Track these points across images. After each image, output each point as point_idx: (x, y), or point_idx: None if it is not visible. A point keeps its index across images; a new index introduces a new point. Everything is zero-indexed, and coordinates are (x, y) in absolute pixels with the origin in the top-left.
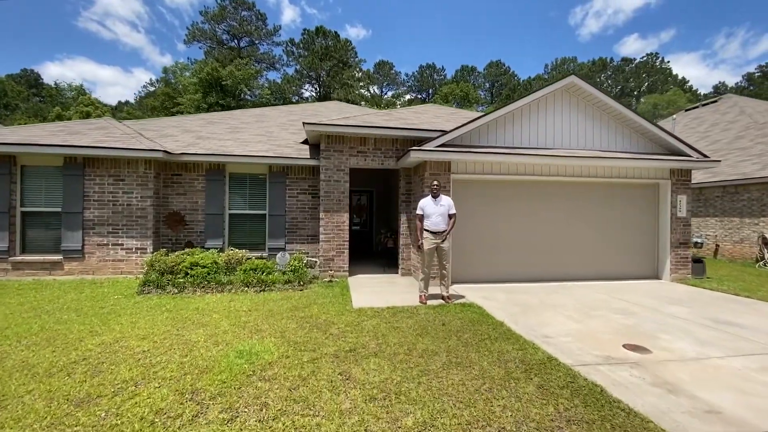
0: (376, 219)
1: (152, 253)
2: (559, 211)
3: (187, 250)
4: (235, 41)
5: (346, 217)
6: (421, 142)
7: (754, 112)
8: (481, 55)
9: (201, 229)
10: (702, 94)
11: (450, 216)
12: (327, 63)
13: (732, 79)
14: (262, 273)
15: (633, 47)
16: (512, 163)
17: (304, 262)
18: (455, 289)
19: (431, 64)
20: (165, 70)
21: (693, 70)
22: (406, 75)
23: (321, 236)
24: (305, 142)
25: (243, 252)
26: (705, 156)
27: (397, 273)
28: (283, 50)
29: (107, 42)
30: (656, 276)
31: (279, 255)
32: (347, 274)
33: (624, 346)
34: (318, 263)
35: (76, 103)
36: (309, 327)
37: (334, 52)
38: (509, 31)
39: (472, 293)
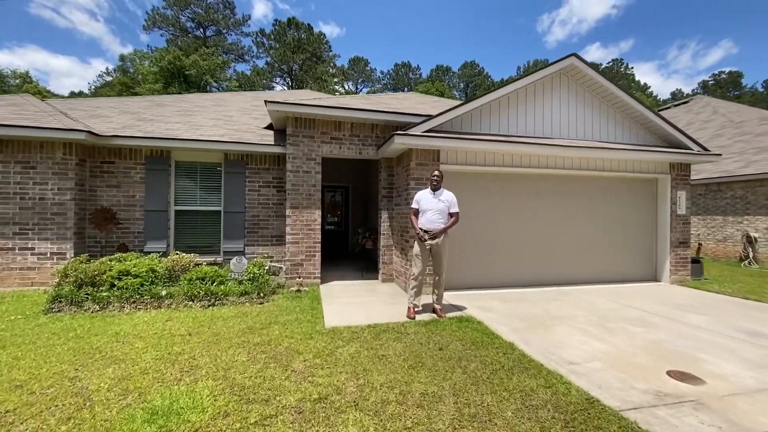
0: (353, 217)
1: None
2: (555, 209)
3: (118, 254)
4: (201, 30)
5: (317, 214)
6: (404, 128)
7: (727, 112)
8: (456, 55)
9: (139, 229)
10: (661, 100)
11: (451, 215)
12: (300, 56)
13: (685, 89)
14: (212, 283)
15: (595, 55)
16: (508, 152)
17: (266, 268)
18: (444, 297)
19: (407, 63)
20: (122, 57)
21: (649, 79)
22: (382, 72)
23: (287, 237)
24: (270, 127)
25: (191, 257)
26: (705, 149)
27: (377, 278)
28: (253, 41)
29: (62, 30)
30: (654, 278)
31: (234, 260)
32: (319, 281)
33: (668, 373)
34: (284, 269)
35: (21, 91)
36: (265, 359)
37: (307, 45)
38: (482, 33)
39: (465, 303)
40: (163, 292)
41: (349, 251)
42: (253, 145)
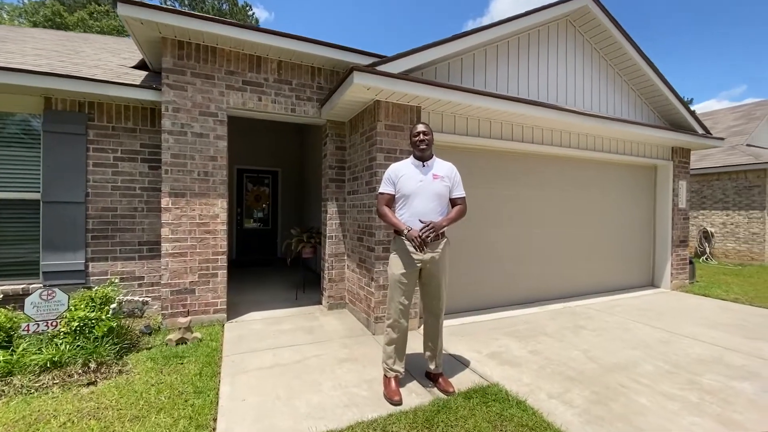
0: (283, 213)
1: None
2: (552, 201)
3: None
4: None
5: (220, 206)
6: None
7: None
8: (396, 47)
9: None
10: None
11: (454, 201)
12: None
13: None
14: None
15: None
16: (510, 118)
17: (114, 305)
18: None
19: None
20: None
21: None
22: None
23: (165, 245)
24: (142, 66)
25: None
26: (709, 132)
27: (321, 303)
28: (161, 3)
29: None
30: (651, 283)
31: (34, 297)
32: (224, 315)
33: None
34: (148, 304)
35: None
36: None
37: (230, 16)
38: (421, 28)
39: (465, 345)
40: None
41: (279, 258)
42: (103, 85)
